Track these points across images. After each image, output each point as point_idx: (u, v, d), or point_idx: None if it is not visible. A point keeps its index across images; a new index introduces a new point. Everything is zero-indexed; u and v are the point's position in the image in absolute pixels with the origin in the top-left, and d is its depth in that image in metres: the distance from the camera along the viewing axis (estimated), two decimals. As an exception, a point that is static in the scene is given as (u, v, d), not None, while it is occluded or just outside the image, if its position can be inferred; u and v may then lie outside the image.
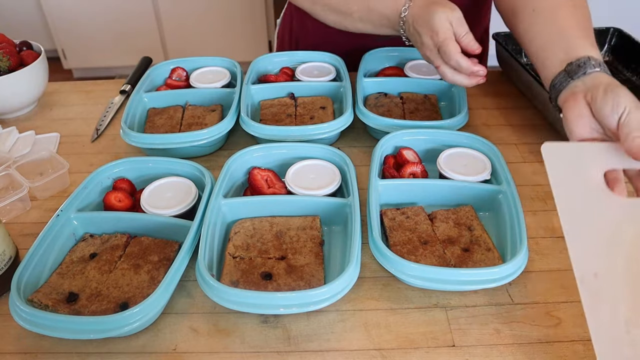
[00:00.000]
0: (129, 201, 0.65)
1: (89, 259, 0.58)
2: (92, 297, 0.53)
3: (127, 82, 0.95)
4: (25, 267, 0.54)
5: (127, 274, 0.56)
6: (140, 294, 0.53)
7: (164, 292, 0.51)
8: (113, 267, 0.57)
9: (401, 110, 0.81)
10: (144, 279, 0.55)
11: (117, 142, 0.81)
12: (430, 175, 0.69)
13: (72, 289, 0.54)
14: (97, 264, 0.57)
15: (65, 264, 0.57)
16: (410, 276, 0.53)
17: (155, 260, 0.57)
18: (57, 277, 0.56)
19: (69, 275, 0.56)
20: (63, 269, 0.57)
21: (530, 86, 0.81)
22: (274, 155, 0.70)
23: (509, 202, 0.61)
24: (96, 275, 0.56)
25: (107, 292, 0.54)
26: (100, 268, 0.56)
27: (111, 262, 0.57)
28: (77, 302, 0.53)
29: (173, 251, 0.58)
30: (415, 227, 0.60)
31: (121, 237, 0.60)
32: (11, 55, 0.85)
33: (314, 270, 0.56)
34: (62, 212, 0.60)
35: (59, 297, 0.53)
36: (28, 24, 2.61)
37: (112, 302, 0.52)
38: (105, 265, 0.57)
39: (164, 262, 0.57)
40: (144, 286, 0.54)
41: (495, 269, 0.52)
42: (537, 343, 0.51)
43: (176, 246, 0.59)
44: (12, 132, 0.81)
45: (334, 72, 0.88)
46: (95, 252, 0.59)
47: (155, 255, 0.58)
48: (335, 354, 0.51)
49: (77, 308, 0.52)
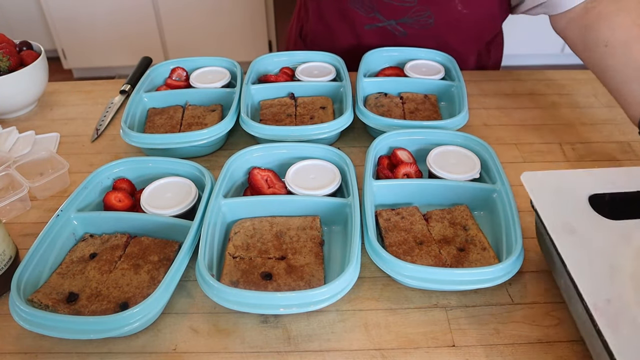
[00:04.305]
0: (129, 201, 0.65)
1: (89, 259, 0.58)
2: (92, 297, 0.53)
3: (127, 82, 0.95)
4: (25, 266, 0.54)
5: (127, 274, 0.56)
6: (141, 294, 0.53)
7: (164, 292, 0.51)
8: (113, 267, 0.57)
9: (401, 110, 0.81)
10: (144, 279, 0.55)
11: (117, 142, 0.81)
12: (423, 174, 0.69)
13: (72, 289, 0.54)
14: (97, 264, 0.57)
15: (65, 264, 0.57)
16: (406, 277, 0.53)
17: (155, 260, 0.57)
18: (57, 277, 0.56)
19: (69, 275, 0.56)
20: (63, 269, 0.57)
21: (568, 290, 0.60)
22: (274, 155, 0.70)
23: (504, 201, 0.61)
24: (96, 275, 0.56)
25: (107, 292, 0.54)
26: (100, 268, 0.56)
27: (111, 262, 0.57)
28: (77, 302, 0.53)
29: (173, 251, 0.58)
30: (410, 227, 0.60)
31: (121, 237, 0.60)
32: (11, 55, 0.85)
33: (314, 270, 0.56)
34: (62, 212, 0.60)
35: (58, 297, 0.53)
36: (28, 24, 2.61)
37: (112, 302, 0.52)
38: (105, 265, 0.57)
39: (164, 262, 0.57)
40: (144, 286, 0.54)
41: (491, 269, 0.52)
42: (537, 343, 0.51)
43: (176, 246, 0.59)
44: (12, 132, 0.81)
45: (334, 72, 0.88)
46: (95, 252, 0.59)
47: (155, 255, 0.58)
48: (335, 354, 0.51)
49: (77, 308, 0.52)
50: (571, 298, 0.50)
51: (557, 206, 0.52)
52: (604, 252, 0.47)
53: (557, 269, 0.53)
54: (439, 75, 0.87)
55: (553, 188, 0.54)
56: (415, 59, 0.91)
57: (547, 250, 0.55)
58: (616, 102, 0.73)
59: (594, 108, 0.87)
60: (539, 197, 0.53)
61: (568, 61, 2.57)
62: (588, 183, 0.54)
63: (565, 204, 0.52)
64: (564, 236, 0.49)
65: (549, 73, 0.97)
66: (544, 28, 0.91)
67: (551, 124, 0.84)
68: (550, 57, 2.56)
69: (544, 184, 0.54)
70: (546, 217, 0.51)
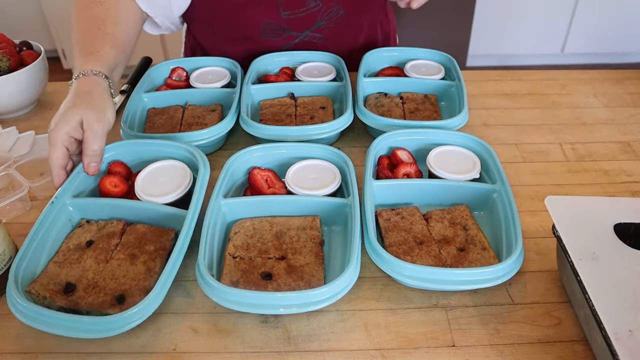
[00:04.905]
0: (125, 186, 0.65)
1: (85, 247, 0.58)
2: (89, 289, 0.53)
3: (127, 82, 0.95)
4: (22, 256, 0.54)
5: (123, 264, 0.56)
6: (137, 286, 0.53)
7: (161, 290, 0.51)
8: (109, 257, 0.57)
9: (401, 110, 0.81)
10: (140, 270, 0.55)
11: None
12: (423, 174, 0.69)
13: (69, 279, 0.54)
14: (94, 253, 0.57)
15: (62, 252, 0.58)
16: (406, 277, 0.53)
17: (151, 250, 0.57)
18: (54, 266, 0.56)
19: (66, 264, 0.56)
20: (60, 257, 0.57)
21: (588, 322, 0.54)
22: (274, 155, 0.70)
23: (504, 201, 0.61)
24: (93, 265, 0.56)
25: (103, 284, 0.54)
26: (97, 257, 0.57)
27: (107, 251, 0.57)
28: (74, 293, 0.53)
29: (169, 240, 0.58)
30: (410, 227, 0.60)
31: (117, 223, 0.61)
32: (11, 55, 0.85)
33: (314, 270, 0.56)
34: (56, 199, 0.60)
35: (56, 287, 0.53)
36: (28, 24, 2.60)
37: (108, 294, 0.53)
38: (101, 254, 0.57)
39: (160, 252, 0.57)
40: (140, 278, 0.54)
41: (491, 269, 0.52)
42: (537, 343, 0.51)
43: (172, 234, 0.59)
44: (12, 132, 0.81)
45: (334, 72, 0.88)
46: (92, 240, 0.59)
47: (152, 245, 0.58)
48: (335, 354, 0.51)
49: (75, 299, 0.52)
50: (591, 329, 0.48)
51: (581, 233, 0.50)
52: (628, 282, 0.46)
53: (577, 299, 0.52)
54: (439, 75, 0.87)
55: (577, 214, 0.52)
56: (415, 58, 0.91)
57: (567, 278, 0.54)
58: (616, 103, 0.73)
59: (594, 108, 0.87)
60: (563, 222, 0.52)
61: (568, 61, 2.57)
62: (613, 211, 0.53)
63: (589, 231, 0.51)
64: (586, 263, 0.48)
65: (549, 73, 0.97)
66: (544, 28, 0.91)
67: (551, 124, 0.84)
68: (550, 57, 2.56)
69: (568, 210, 0.53)
70: (569, 244, 0.50)
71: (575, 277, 0.48)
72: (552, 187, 0.71)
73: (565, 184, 0.71)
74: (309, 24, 0.89)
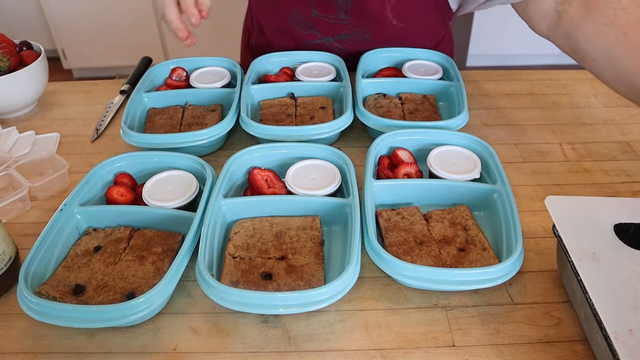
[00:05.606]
0: (131, 195, 0.66)
1: (93, 252, 0.58)
2: (99, 289, 0.54)
3: (127, 82, 0.95)
4: (31, 260, 0.54)
5: (132, 265, 0.56)
6: (147, 284, 0.54)
7: (170, 281, 0.52)
8: (118, 259, 0.57)
9: (400, 111, 0.81)
10: (149, 270, 0.55)
11: (117, 142, 0.81)
12: (424, 174, 0.69)
13: (78, 281, 0.55)
14: (102, 257, 0.57)
15: (70, 257, 0.58)
16: (406, 277, 0.52)
17: (159, 251, 0.58)
18: (62, 270, 0.56)
19: (75, 268, 0.56)
20: (68, 262, 0.57)
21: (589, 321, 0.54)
22: (274, 155, 0.70)
23: (504, 202, 0.61)
24: (101, 267, 0.56)
25: (113, 284, 0.54)
26: (105, 260, 0.57)
27: (116, 255, 0.58)
28: (84, 293, 0.53)
29: (176, 242, 0.59)
30: (410, 227, 0.60)
31: (124, 230, 0.61)
32: (11, 55, 0.85)
33: (314, 270, 0.56)
34: (65, 207, 0.60)
35: (65, 289, 0.54)
36: (28, 24, 2.61)
37: (118, 292, 0.53)
38: (110, 257, 0.57)
39: (168, 253, 0.57)
40: (149, 276, 0.55)
41: (491, 269, 0.52)
42: (537, 343, 0.51)
43: (179, 238, 0.59)
44: (12, 132, 0.81)
45: (334, 72, 0.88)
46: (100, 245, 0.59)
47: (159, 247, 0.58)
48: (335, 354, 0.51)
49: (85, 299, 0.53)
50: (591, 329, 0.48)
51: (581, 233, 0.50)
52: (628, 282, 0.46)
53: (577, 299, 0.52)
54: (437, 75, 0.87)
55: (577, 214, 0.52)
56: (413, 59, 0.91)
57: (567, 278, 0.54)
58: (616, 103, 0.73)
59: (594, 108, 0.87)
60: (563, 222, 0.52)
61: (568, 61, 2.56)
62: (613, 211, 0.53)
63: (589, 231, 0.51)
64: (586, 263, 0.48)
65: (549, 73, 0.97)
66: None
67: (551, 124, 0.84)
68: (550, 57, 2.55)
69: (568, 210, 0.53)
70: (569, 244, 0.50)
71: (575, 277, 0.48)
72: (552, 187, 0.71)
73: (565, 184, 0.72)
74: (335, 32, 0.90)
